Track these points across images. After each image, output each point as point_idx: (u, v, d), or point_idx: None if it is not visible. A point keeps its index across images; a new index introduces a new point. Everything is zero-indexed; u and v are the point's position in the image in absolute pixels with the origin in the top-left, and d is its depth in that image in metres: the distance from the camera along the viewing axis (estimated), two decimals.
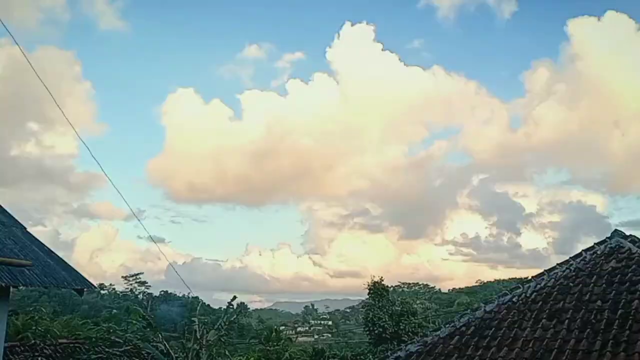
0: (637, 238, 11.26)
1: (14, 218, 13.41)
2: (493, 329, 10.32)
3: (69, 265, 13.87)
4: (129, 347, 21.27)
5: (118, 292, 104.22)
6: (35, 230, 14.23)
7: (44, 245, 13.66)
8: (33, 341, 21.84)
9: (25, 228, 13.52)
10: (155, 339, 20.95)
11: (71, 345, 21.46)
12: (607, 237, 11.64)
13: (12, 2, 58.82)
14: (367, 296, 36.14)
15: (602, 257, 11.07)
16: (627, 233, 11.52)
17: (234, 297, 24.65)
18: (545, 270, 11.58)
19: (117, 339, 22.50)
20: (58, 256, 13.97)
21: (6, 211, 13.62)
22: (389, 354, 12.25)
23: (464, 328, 10.73)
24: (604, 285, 10.20)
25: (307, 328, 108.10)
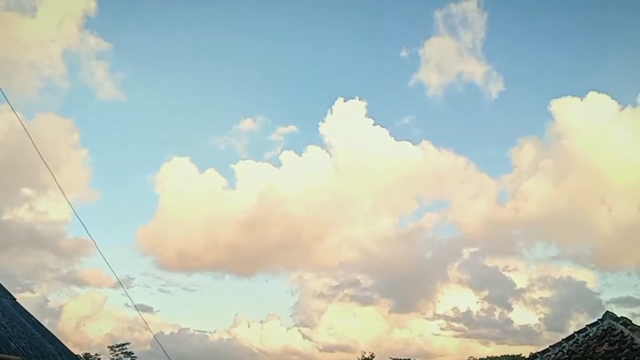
0: (629, 320, 11.30)
1: (4, 288, 13.31)
2: None
3: (56, 338, 13.69)
4: None
5: None
6: (23, 297, 14.14)
7: (32, 316, 13.51)
8: None
9: (14, 299, 13.39)
10: None
11: None
12: (599, 319, 11.66)
13: (13, 70, 60.26)
14: None
15: (595, 340, 11.06)
16: (618, 310, 11.56)
17: None
18: (538, 353, 11.51)
19: None
20: (45, 328, 13.81)
21: None
22: None
23: None
24: None
25: None
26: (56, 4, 62.89)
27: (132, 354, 49.82)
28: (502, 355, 47.72)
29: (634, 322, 11.42)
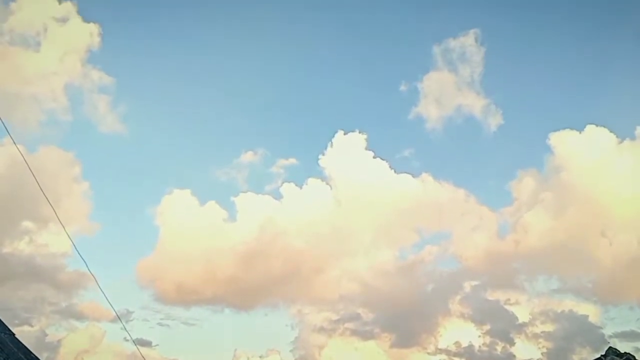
0: (632, 356, 11.26)
1: (3, 323, 13.23)
2: None
3: None
4: None
5: None
6: (22, 330, 14.07)
7: (31, 352, 13.38)
8: None
9: (13, 334, 13.29)
10: None
11: None
12: (602, 355, 11.62)
13: (16, 103, 60.99)
14: None
15: None
16: (621, 344, 11.53)
17: None
18: None
19: None
20: None
21: None
22: None
23: None
24: None
25: None
26: (60, 39, 63.89)
27: None
28: None
29: (636, 357, 11.38)
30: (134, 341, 20.17)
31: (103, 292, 14.85)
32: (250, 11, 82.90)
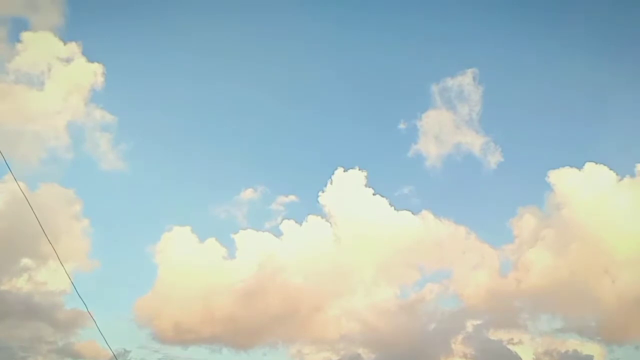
0: None
1: None
2: None
3: None
4: None
5: None
6: None
7: None
8: None
9: None
10: None
11: None
12: None
13: (18, 140, 61.51)
14: None
15: None
16: None
17: None
18: None
19: None
20: None
21: None
22: None
23: None
24: None
25: None
26: (64, 78, 64.80)
27: None
28: None
29: None
30: None
31: (100, 332, 14.77)
32: (251, 53, 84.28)
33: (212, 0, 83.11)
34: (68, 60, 64.72)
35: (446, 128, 74.03)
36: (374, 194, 66.95)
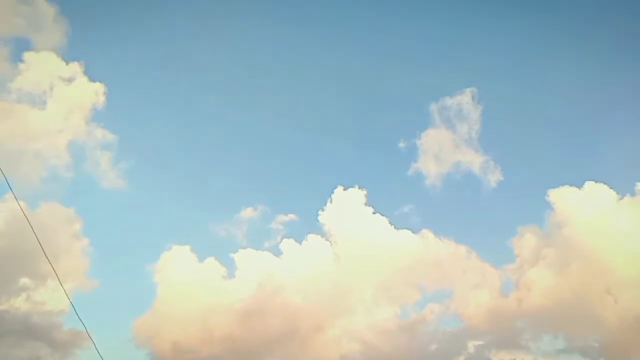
0: None
1: None
2: None
3: None
4: None
5: None
6: None
7: None
8: None
9: None
10: None
11: None
12: None
13: (19, 159, 61.67)
14: None
15: None
16: None
17: None
18: None
19: None
20: None
21: None
22: None
23: None
24: None
25: None
26: (66, 97, 65.22)
27: None
28: None
29: None
30: None
31: (99, 352, 14.67)
32: (250, 73, 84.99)
33: (213, 21, 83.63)
34: (70, 80, 65.24)
35: (446, 147, 74.23)
36: (373, 213, 66.90)
